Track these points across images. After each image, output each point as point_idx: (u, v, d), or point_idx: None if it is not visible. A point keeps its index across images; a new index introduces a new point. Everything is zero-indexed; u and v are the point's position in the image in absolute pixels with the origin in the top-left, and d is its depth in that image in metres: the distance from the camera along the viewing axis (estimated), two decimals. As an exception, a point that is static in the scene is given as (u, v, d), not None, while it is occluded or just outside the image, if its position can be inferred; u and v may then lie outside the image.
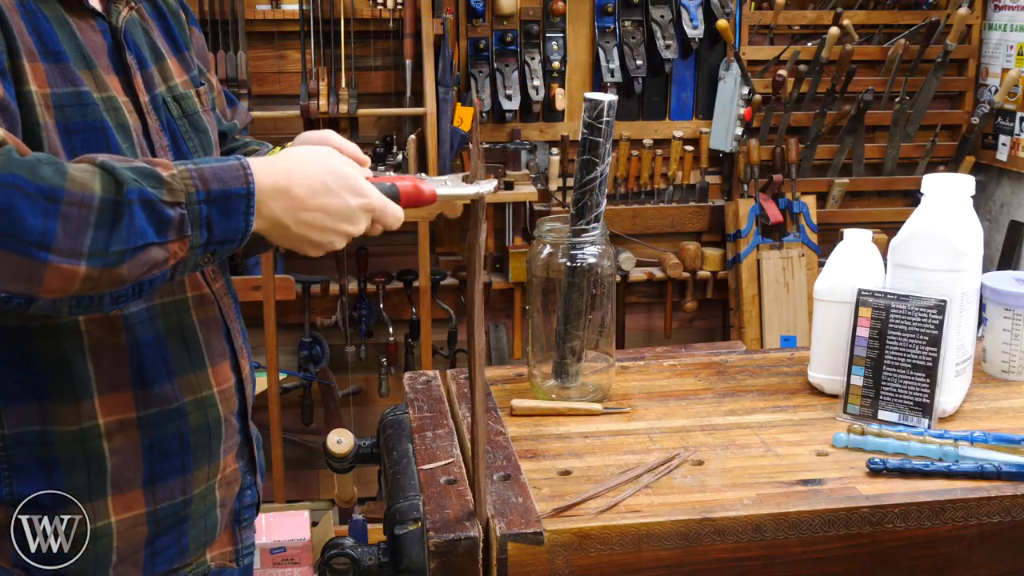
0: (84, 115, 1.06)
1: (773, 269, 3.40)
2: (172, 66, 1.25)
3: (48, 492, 1.09)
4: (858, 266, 1.47)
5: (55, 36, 1.06)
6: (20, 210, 0.89)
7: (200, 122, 1.26)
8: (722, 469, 1.27)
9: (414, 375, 1.59)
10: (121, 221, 0.93)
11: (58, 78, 1.05)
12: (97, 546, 1.12)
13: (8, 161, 0.90)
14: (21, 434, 1.08)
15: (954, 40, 3.34)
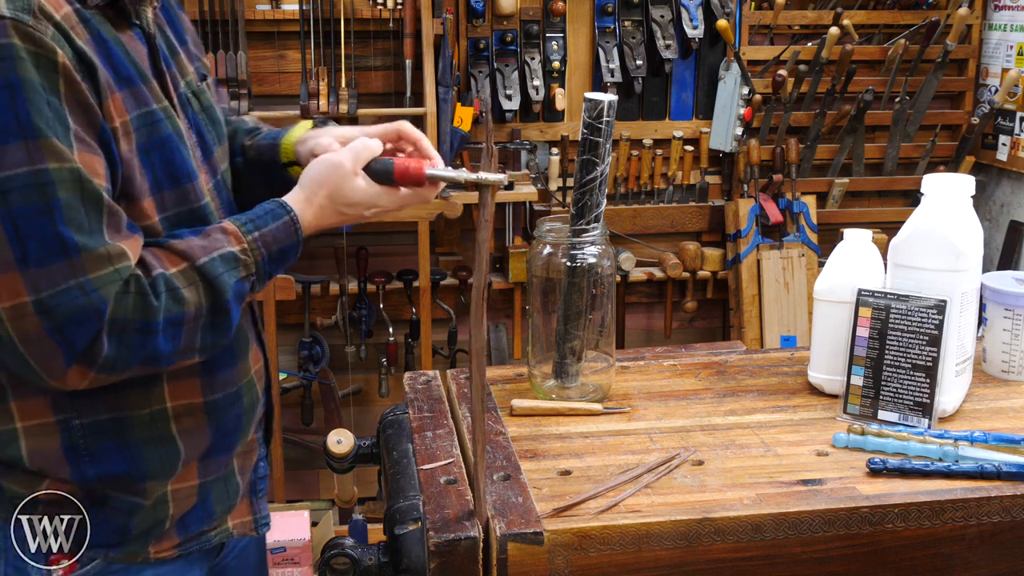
0: (156, 131, 1.14)
1: (773, 269, 3.40)
2: (184, 60, 1.29)
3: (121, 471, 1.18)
4: (858, 266, 1.47)
5: (123, 60, 1.11)
6: (159, 348, 1.09)
7: (215, 113, 1.31)
8: (722, 469, 1.27)
9: (414, 375, 1.59)
10: (225, 320, 1.15)
11: (131, 102, 1.11)
12: (156, 513, 1.22)
13: (145, 310, 1.07)
14: (96, 422, 1.16)
15: (954, 40, 3.34)
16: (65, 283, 1.03)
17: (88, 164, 1.04)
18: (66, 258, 1.02)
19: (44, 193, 1.01)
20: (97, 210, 1.04)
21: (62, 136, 1.01)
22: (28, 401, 1.14)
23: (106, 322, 1.05)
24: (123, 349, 1.06)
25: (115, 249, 1.05)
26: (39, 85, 1.00)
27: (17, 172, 1.00)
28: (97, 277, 1.04)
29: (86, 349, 1.05)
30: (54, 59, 1.01)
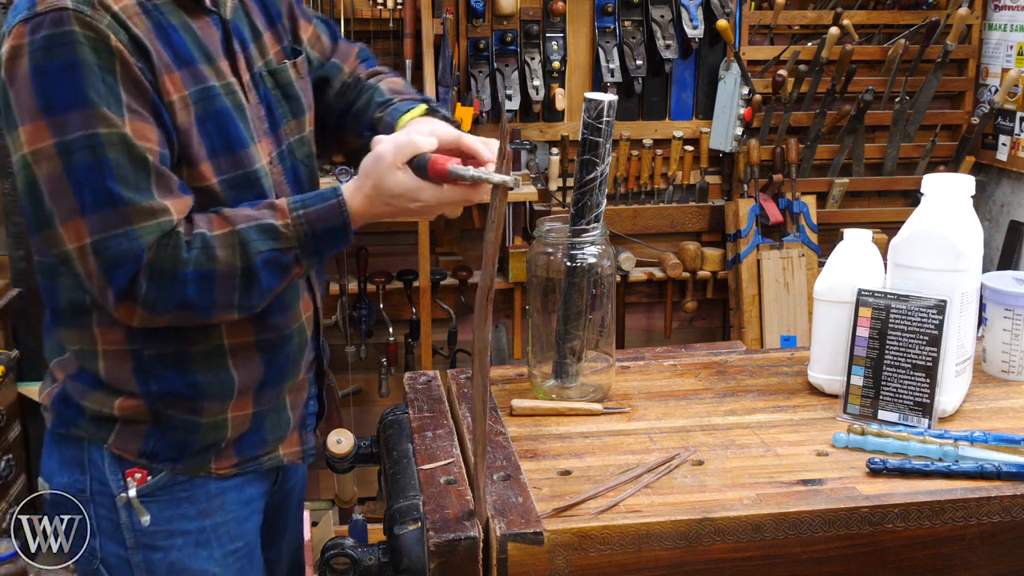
0: (211, 105, 1.29)
1: (773, 269, 3.40)
2: (268, 41, 1.43)
3: (183, 392, 1.35)
4: (858, 266, 1.47)
5: (184, 43, 1.28)
6: (190, 297, 1.24)
7: (292, 91, 1.44)
8: (722, 469, 1.27)
9: (414, 375, 1.59)
10: (255, 283, 1.27)
11: (189, 80, 1.27)
12: (215, 433, 1.39)
13: (176, 260, 1.22)
14: (162, 354, 1.34)
15: (954, 40, 3.34)
16: (113, 230, 1.20)
17: (138, 131, 1.20)
18: (114, 208, 1.19)
19: (95, 153, 1.18)
20: (144, 170, 1.21)
21: (114, 107, 1.18)
22: (107, 329, 1.33)
23: (144, 266, 1.21)
24: (159, 293, 1.22)
25: (159, 205, 1.21)
26: (95, 65, 1.17)
27: (76, 135, 1.17)
28: (140, 227, 1.20)
29: (127, 289, 1.22)
30: (108, 43, 1.18)
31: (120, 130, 1.19)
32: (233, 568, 1.44)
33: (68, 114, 1.17)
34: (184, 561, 1.40)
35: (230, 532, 1.43)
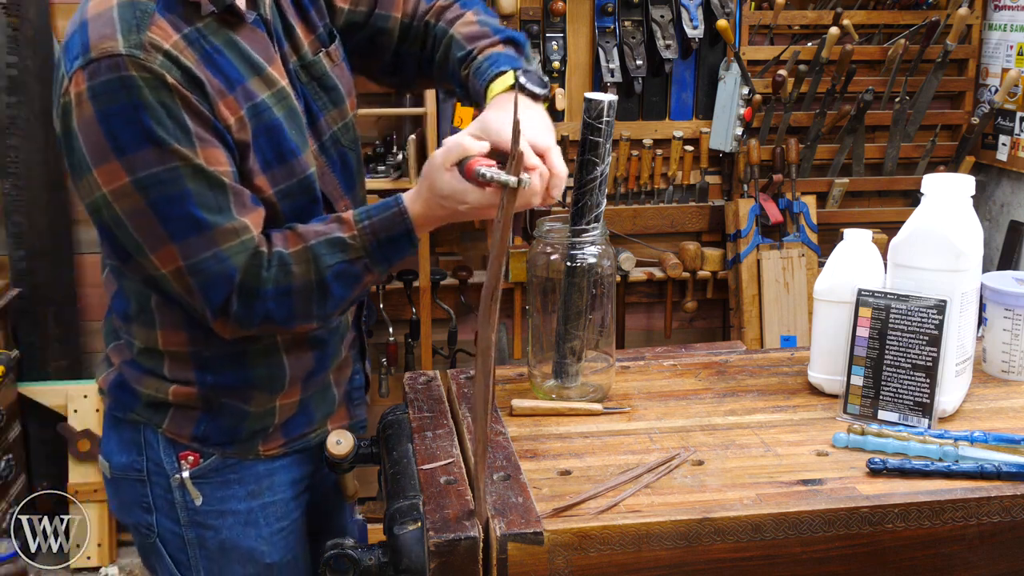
0: (262, 120, 1.34)
1: (773, 269, 3.40)
2: (300, 34, 1.45)
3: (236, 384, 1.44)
4: (858, 266, 1.47)
5: (231, 64, 1.31)
6: (272, 312, 1.32)
7: (328, 81, 1.47)
8: (722, 469, 1.27)
9: (414, 375, 1.59)
10: (328, 294, 1.34)
11: (242, 99, 1.31)
12: (263, 421, 1.47)
13: (257, 278, 1.30)
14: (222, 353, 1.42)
15: (954, 40, 3.34)
16: (203, 253, 1.27)
17: (210, 157, 1.26)
18: (200, 233, 1.26)
19: (175, 185, 1.24)
20: (223, 192, 1.27)
21: (183, 140, 1.24)
22: (170, 331, 1.42)
23: (236, 285, 1.29)
24: (245, 310, 1.31)
25: (240, 224, 1.29)
26: (156, 103, 1.22)
27: (152, 172, 1.23)
28: (227, 248, 1.28)
29: (222, 307, 1.30)
30: (165, 81, 1.22)
31: (193, 161, 1.24)
32: (280, 546, 1.52)
33: (139, 153, 1.22)
34: (234, 539, 1.48)
35: (277, 512, 1.51)
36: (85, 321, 3.48)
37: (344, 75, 1.51)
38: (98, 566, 3.27)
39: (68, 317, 3.41)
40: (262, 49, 1.37)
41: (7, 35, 3.20)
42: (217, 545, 1.48)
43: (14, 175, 3.28)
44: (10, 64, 3.21)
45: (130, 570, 3.33)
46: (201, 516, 1.47)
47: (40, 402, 3.31)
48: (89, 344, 3.50)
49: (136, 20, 1.23)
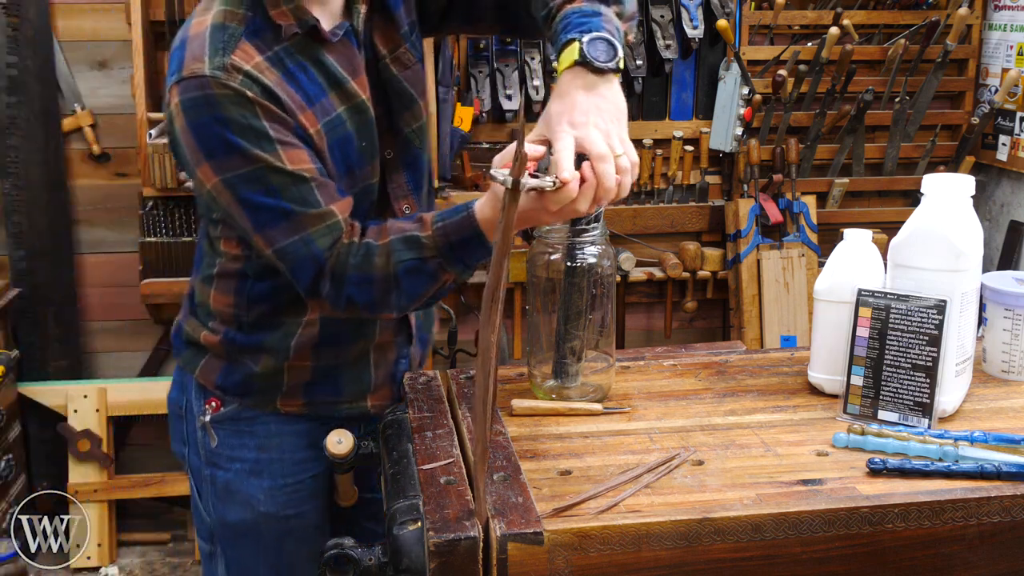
0: (336, 133, 1.46)
1: (773, 269, 3.40)
2: (378, 42, 1.52)
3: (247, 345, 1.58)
4: (858, 266, 1.47)
5: (311, 81, 1.44)
6: (354, 296, 1.43)
7: (397, 85, 1.54)
8: (722, 469, 1.27)
9: (414, 375, 1.59)
10: (399, 287, 1.41)
11: (319, 115, 1.44)
12: (273, 379, 1.59)
13: (344, 265, 1.41)
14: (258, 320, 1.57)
15: (954, 40, 3.34)
16: (291, 238, 1.40)
17: (292, 158, 1.38)
18: (288, 220, 1.39)
19: (261, 182, 1.37)
20: (306, 184, 1.39)
21: (265, 146, 1.37)
22: (219, 295, 1.58)
23: (325, 268, 1.41)
24: (336, 292, 1.42)
25: (325, 210, 1.40)
26: (238, 115, 1.36)
27: (238, 172, 1.38)
28: (314, 231, 1.39)
29: (311, 287, 1.42)
30: (245, 96, 1.36)
31: (274, 163, 1.37)
32: (277, 501, 1.62)
33: (226, 158, 1.37)
34: (236, 484, 1.62)
35: (283, 469, 1.61)
36: (85, 321, 3.48)
37: (416, 77, 1.56)
38: (98, 566, 3.28)
39: (68, 317, 3.41)
40: (347, 62, 1.47)
41: (7, 35, 3.20)
42: (223, 485, 1.63)
43: (14, 175, 3.28)
44: (10, 64, 3.21)
45: (130, 570, 3.33)
46: (215, 457, 1.63)
47: (40, 402, 3.31)
48: (89, 344, 3.50)
49: (223, 44, 1.38)
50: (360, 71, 1.48)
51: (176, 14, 3.14)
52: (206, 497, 1.66)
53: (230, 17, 1.41)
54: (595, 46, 1.32)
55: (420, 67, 1.57)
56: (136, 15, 3.09)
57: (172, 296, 3.25)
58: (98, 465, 3.29)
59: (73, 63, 3.32)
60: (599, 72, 1.31)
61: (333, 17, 1.48)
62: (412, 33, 1.56)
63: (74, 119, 3.33)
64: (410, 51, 1.55)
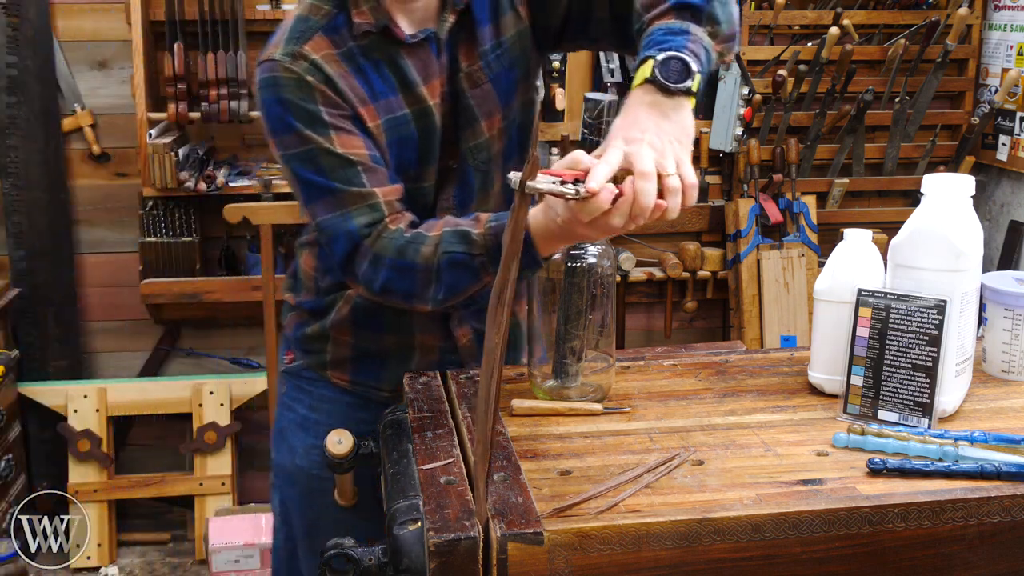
0: (398, 133, 1.53)
1: (773, 269, 3.40)
2: (460, 57, 1.56)
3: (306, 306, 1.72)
4: (858, 266, 1.47)
5: (381, 79, 1.51)
6: (391, 282, 1.47)
7: (464, 100, 1.57)
8: (722, 469, 1.27)
9: (414, 375, 1.59)
10: (439, 278, 1.44)
11: (382, 111, 1.51)
12: (320, 345, 1.71)
13: (383, 247, 1.46)
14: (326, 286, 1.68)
15: (954, 40, 3.34)
16: (332, 213, 1.48)
17: (344, 143, 1.47)
18: (332, 196, 1.47)
19: (312, 162, 1.47)
20: (353, 167, 1.47)
21: (319, 129, 1.46)
22: (307, 258, 1.71)
23: (361, 246, 1.47)
24: (372, 274, 1.47)
25: (368, 191, 1.47)
26: (297, 99, 1.46)
27: (294, 151, 1.48)
28: (354, 209, 1.46)
29: (345, 264, 1.50)
30: (306, 80, 1.46)
31: (327, 144, 1.46)
32: (312, 459, 1.69)
33: (285, 136, 1.48)
34: (286, 432, 1.77)
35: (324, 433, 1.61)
36: (85, 321, 3.48)
37: (485, 97, 1.57)
38: (98, 566, 3.28)
39: (68, 317, 3.42)
40: (422, 67, 1.53)
41: (7, 35, 3.20)
42: (279, 428, 1.80)
43: (14, 175, 3.28)
44: (10, 64, 3.22)
45: (130, 570, 3.33)
46: (282, 401, 1.80)
47: (40, 402, 3.31)
48: (89, 344, 3.50)
49: (299, 33, 1.49)
50: (433, 77, 1.54)
51: (176, 14, 3.14)
52: (273, 436, 1.84)
53: (314, 11, 1.51)
54: (668, 66, 1.27)
55: (492, 88, 1.57)
56: (136, 15, 3.09)
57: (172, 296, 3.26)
58: (98, 465, 3.29)
59: (73, 63, 3.32)
60: (668, 92, 1.27)
61: (419, 23, 1.53)
62: (493, 53, 1.57)
63: (74, 119, 3.34)
64: (483, 70, 1.56)
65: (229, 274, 3.39)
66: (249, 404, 3.40)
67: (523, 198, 1.14)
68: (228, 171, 3.27)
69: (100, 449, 3.27)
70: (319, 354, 1.72)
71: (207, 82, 3.15)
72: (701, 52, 1.31)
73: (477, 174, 1.61)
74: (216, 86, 3.15)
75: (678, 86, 1.27)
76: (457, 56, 1.56)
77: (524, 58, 1.60)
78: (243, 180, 3.24)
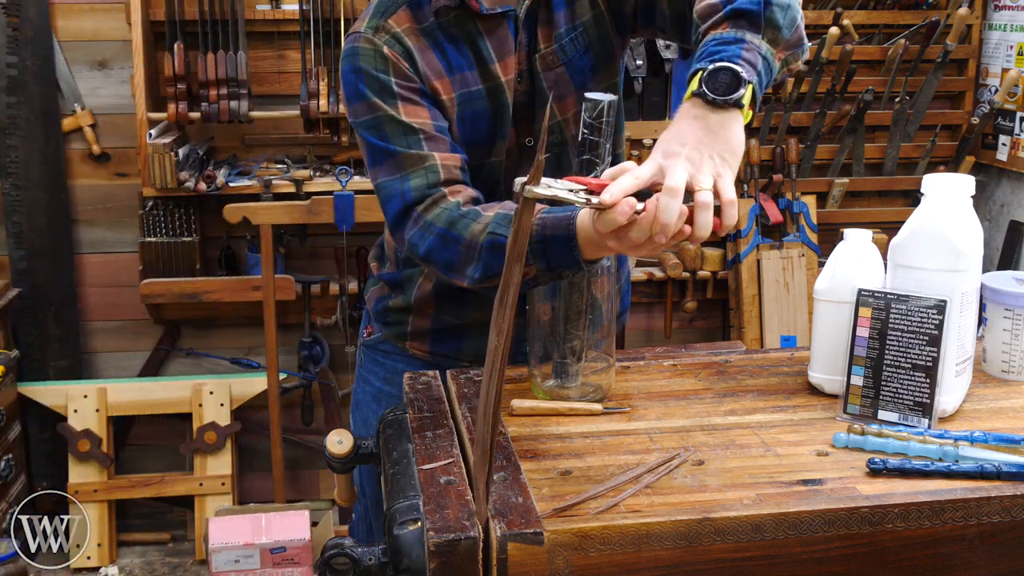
0: (471, 107, 1.59)
1: (773, 269, 3.40)
2: (540, 37, 1.60)
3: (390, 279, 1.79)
4: (858, 266, 1.47)
5: (458, 54, 1.58)
6: (433, 250, 1.51)
7: (538, 83, 1.61)
8: (722, 469, 1.27)
9: (414, 375, 1.59)
10: (479, 257, 1.46)
11: (457, 84, 1.58)
12: (400, 316, 1.77)
13: (434, 215, 1.50)
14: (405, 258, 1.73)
15: (954, 40, 3.34)
16: (391, 176, 1.55)
17: (409, 112, 1.54)
18: (392, 158, 1.54)
19: (377, 128, 1.56)
20: (415, 134, 1.54)
21: (388, 99, 1.54)
22: (388, 237, 1.76)
23: (412, 208, 1.52)
24: (417, 237, 1.52)
25: (426, 154, 1.53)
26: (372, 68, 1.55)
27: (364, 118, 1.57)
28: (411, 171, 1.53)
29: (395, 223, 1.55)
30: (383, 52, 1.55)
31: (391, 112, 1.54)
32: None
33: (357, 104, 1.57)
34: (361, 403, 1.85)
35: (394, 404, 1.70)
36: (85, 321, 3.48)
37: (559, 80, 1.61)
38: (98, 566, 3.28)
39: (68, 317, 3.42)
40: (498, 44, 1.58)
41: (7, 35, 3.20)
42: (356, 400, 1.88)
43: (14, 175, 3.28)
44: (10, 64, 3.22)
45: (130, 570, 3.33)
46: (359, 373, 1.88)
47: (40, 402, 3.31)
48: (89, 344, 3.50)
49: (385, 8, 1.58)
50: (508, 55, 1.59)
51: (176, 14, 3.14)
52: (351, 404, 1.92)
53: None
54: (716, 77, 1.24)
55: (565, 71, 1.61)
56: (136, 15, 3.09)
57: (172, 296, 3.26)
58: (98, 465, 3.29)
59: (73, 63, 3.32)
60: (714, 106, 1.24)
61: (500, 1, 1.58)
62: (567, 36, 1.61)
63: (74, 119, 3.34)
64: (557, 53, 1.61)
65: (229, 274, 3.39)
66: (249, 404, 3.40)
67: (526, 203, 1.13)
68: (228, 171, 3.27)
69: (100, 449, 3.27)
70: (399, 325, 1.78)
71: (207, 82, 3.15)
72: (758, 61, 1.28)
73: (551, 157, 1.64)
74: (216, 86, 3.15)
75: (725, 99, 1.24)
76: (536, 36, 1.60)
77: (601, 43, 1.62)
78: (243, 180, 3.24)
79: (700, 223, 1.20)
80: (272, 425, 3.30)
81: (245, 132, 3.40)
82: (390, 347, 1.81)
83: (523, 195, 1.13)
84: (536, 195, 1.14)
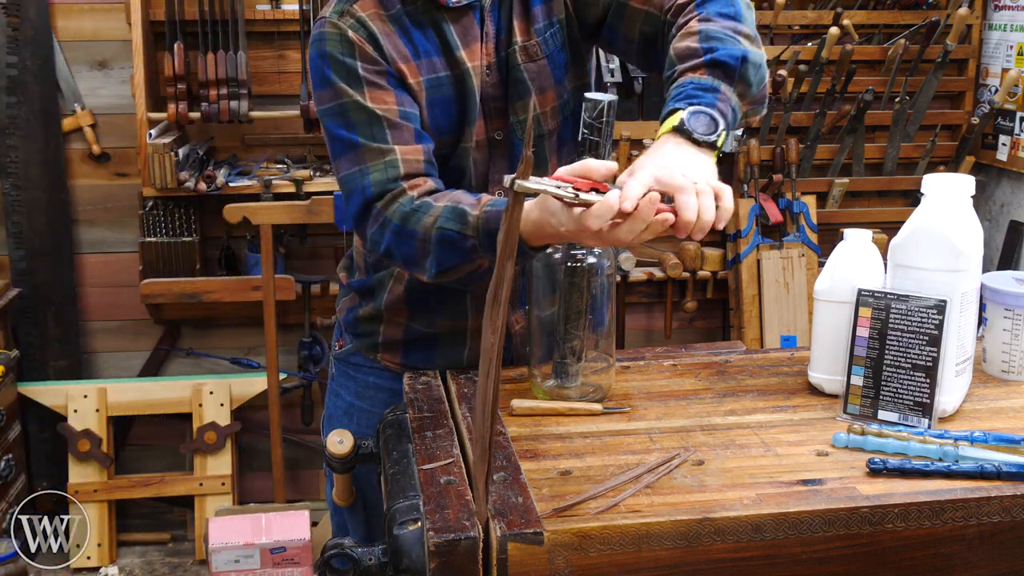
0: (439, 92, 1.57)
1: (773, 269, 3.40)
2: (516, 28, 1.59)
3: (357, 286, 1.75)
4: (858, 266, 1.47)
5: (422, 40, 1.56)
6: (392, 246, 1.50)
7: (517, 74, 1.60)
8: (722, 469, 1.27)
9: (414, 375, 1.59)
10: (431, 252, 1.46)
11: (424, 69, 1.56)
12: (371, 327, 1.73)
13: (391, 211, 1.49)
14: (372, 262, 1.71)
15: (954, 40, 3.34)
16: (352, 168, 1.53)
17: (375, 98, 1.52)
18: (354, 151, 1.52)
19: (343, 115, 1.53)
20: (379, 124, 1.51)
21: (354, 84, 1.52)
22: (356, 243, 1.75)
23: (372, 205, 1.51)
24: (378, 235, 1.51)
25: (387, 148, 1.51)
26: (337, 53, 1.53)
27: (328, 105, 1.55)
28: (372, 165, 1.51)
29: (357, 219, 1.54)
30: (347, 36, 1.53)
31: (357, 98, 1.52)
32: None
33: (323, 91, 1.55)
34: (334, 417, 1.81)
35: (370, 420, 1.68)
36: (85, 321, 3.48)
37: (540, 73, 1.61)
38: (98, 566, 3.28)
39: (68, 317, 3.42)
40: (463, 33, 1.58)
41: (7, 35, 3.20)
42: (328, 413, 1.84)
43: (14, 175, 3.28)
44: (10, 64, 3.22)
45: (130, 570, 3.33)
46: (330, 389, 1.84)
47: (40, 402, 3.31)
48: (89, 344, 3.50)
49: None
50: (473, 41, 1.58)
51: (176, 14, 3.14)
52: (323, 417, 1.88)
53: None
54: (697, 119, 1.34)
55: (547, 64, 1.61)
56: (136, 15, 3.09)
57: (172, 296, 3.26)
58: (98, 465, 3.29)
59: (73, 63, 3.32)
60: (695, 142, 1.33)
61: None
62: (547, 31, 1.61)
63: (74, 119, 3.34)
64: (541, 46, 1.61)
65: (229, 274, 3.39)
66: (249, 404, 3.40)
67: (516, 198, 1.14)
68: (228, 171, 3.27)
69: (100, 449, 3.27)
70: (370, 336, 1.74)
71: (207, 82, 3.15)
72: (729, 112, 1.37)
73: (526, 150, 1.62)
74: (216, 86, 3.15)
75: (705, 137, 1.33)
76: (512, 29, 1.60)
77: (572, 44, 1.65)
78: (243, 180, 3.24)
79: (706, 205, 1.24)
80: (272, 425, 3.30)
81: (245, 132, 3.40)
82: (361, 359, 1.76)
83: (513, 189, 1.13)
84: (526, 189, 1.15)
